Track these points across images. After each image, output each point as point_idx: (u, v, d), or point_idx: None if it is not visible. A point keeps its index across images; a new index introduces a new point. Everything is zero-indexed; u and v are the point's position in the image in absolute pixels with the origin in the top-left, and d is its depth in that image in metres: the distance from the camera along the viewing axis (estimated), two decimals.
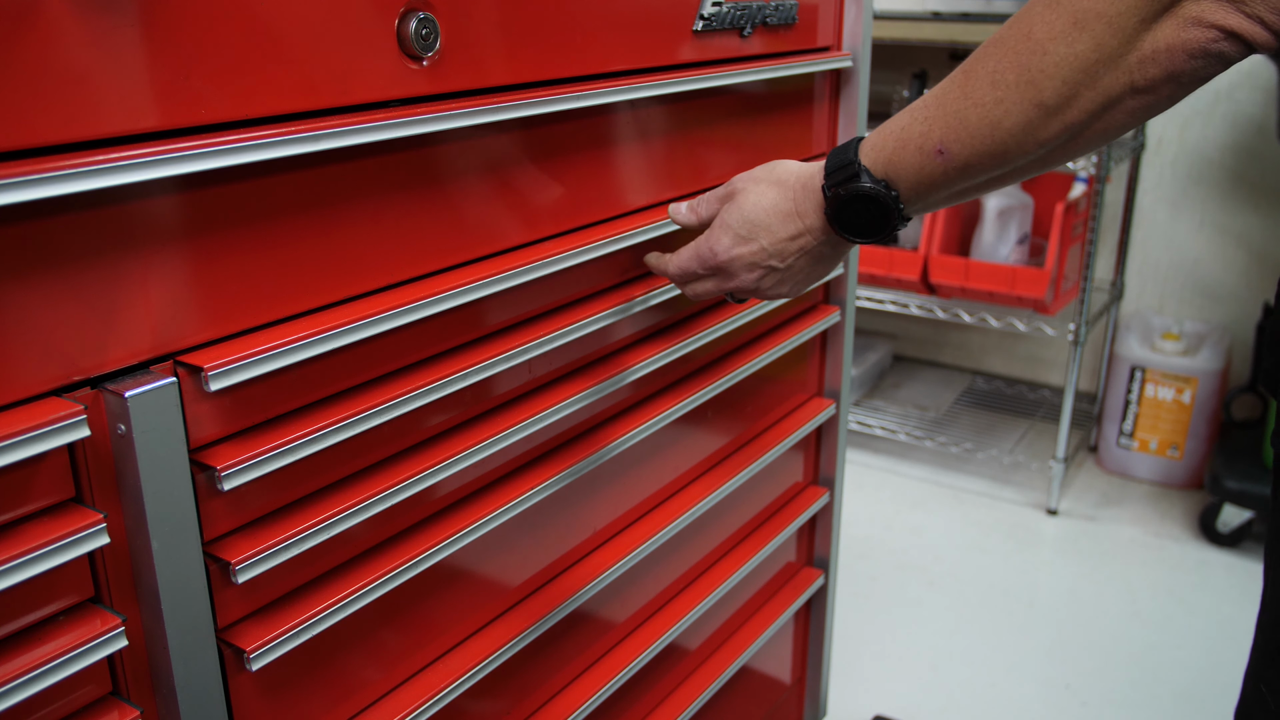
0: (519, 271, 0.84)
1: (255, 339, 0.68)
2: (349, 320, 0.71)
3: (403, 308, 0.75)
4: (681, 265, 0.90)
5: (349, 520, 0.74)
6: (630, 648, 1.10)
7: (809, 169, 0.83)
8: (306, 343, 0.69)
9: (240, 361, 0.65)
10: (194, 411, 0.66)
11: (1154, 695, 1.90)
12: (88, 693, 0.64)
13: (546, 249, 0.88)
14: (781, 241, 0.84)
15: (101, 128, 0.58)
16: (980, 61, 0.69)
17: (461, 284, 0.79)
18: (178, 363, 0.64)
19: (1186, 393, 2.59)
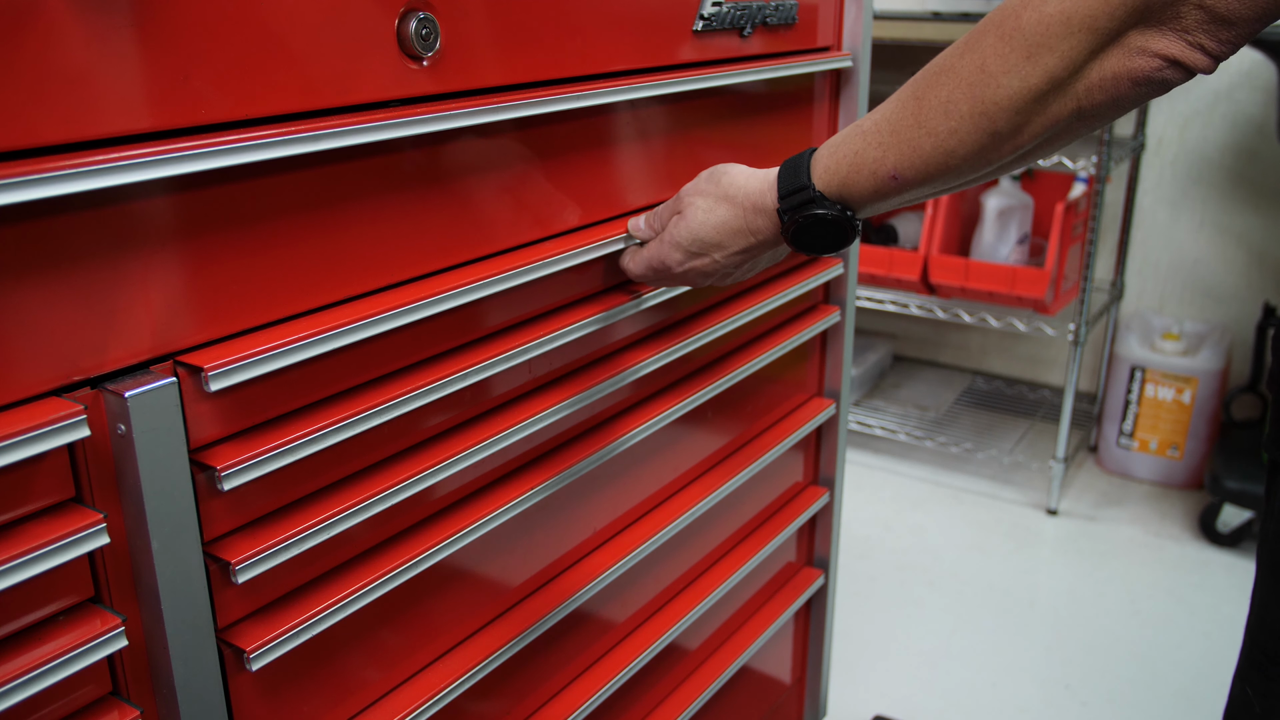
0: (519, 272, 0.84)
1: (254, 339, 0.68)
2: (349, 320, 0.71)
3: (402, 308, 0.75)
4: (636, 271, 0.94)
5: (349, 520, 0.74)
6: (630, 648, 1.10)
7: (757, 185, 0.84)
8: (306, 343, 0.69)
9: (240, 362, 0.65)
10: (194, 411, 0.66)
11: (1154, 695, 1.90)
12: (88, 693, 0.64)
13: (547, 249, 0.89)
14: (733, 254, 0.86)
15: (101, 128, 0.58)
16: (933, 90, 0.71)
17: (461, 284, 0.80)
18: (178, 363, 0.64)
19: (1186, 393, 2.59)
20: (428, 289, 0.78)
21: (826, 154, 0.78)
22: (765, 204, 0.83)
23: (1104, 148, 2.34)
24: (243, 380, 0.66)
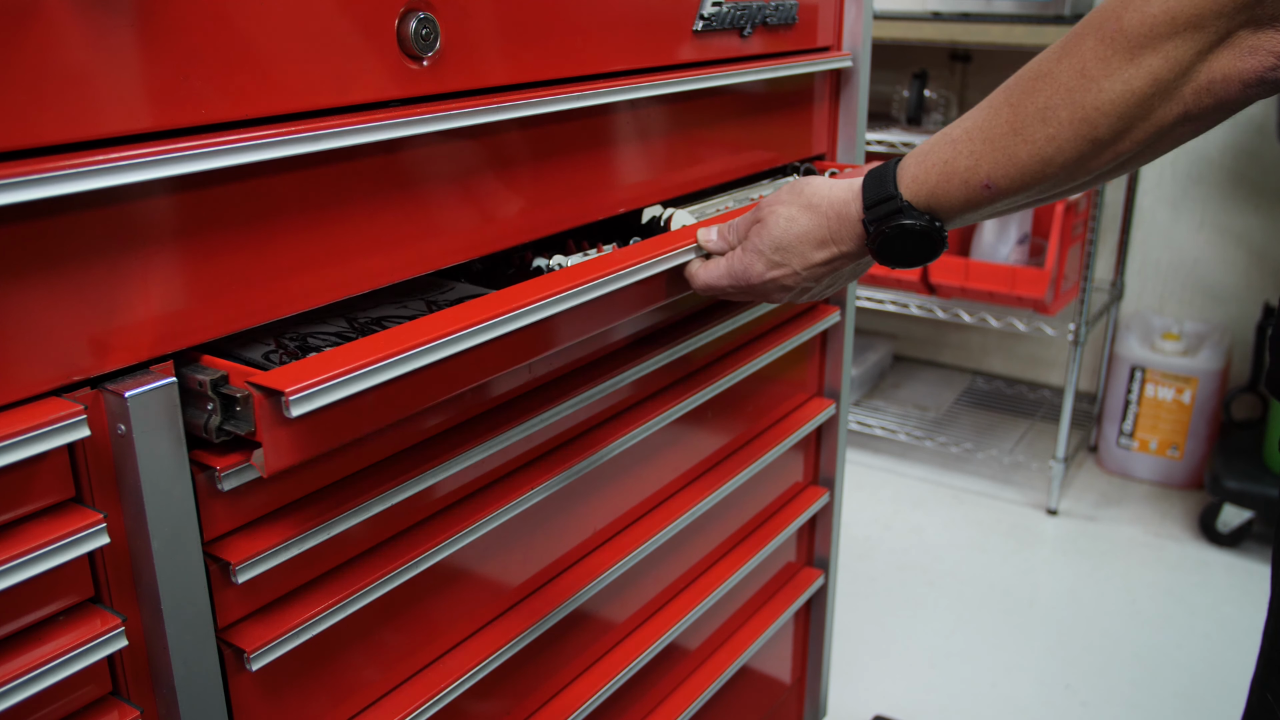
0: (580, 290, 0.81)
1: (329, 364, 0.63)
2: (424, 341, 0.68)
3: (454, 336, 0.73)
4: (711, 282, 0.89)
5: (349, 520, 0.74)
6: (630, 648, 1.10)
7: (842, 194, 0.81)
8: (386, 364, 0.65)
9: (324, 385, 0.61)
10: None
11: (1154, 695, 1.90)
12: (88, 693, 0.64)
13: (609, 264, 0.87)
14: (815, 266, 0.83)
15: (101, 128, 0.58)
16: (1029, 96, 0.68)
17: (529, 303, 0.77)
18: (252, 384, 0.61)
19: (1186, 393, 2.59)
20: (499, 307, 0.73)
21: (913, 163, 0.76)
22: (849, 213, 0.80)
23: None
24: (328, 402, 0.61)
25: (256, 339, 0.77)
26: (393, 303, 0.87)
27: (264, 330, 0.78)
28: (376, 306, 0.86)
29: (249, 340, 0.77)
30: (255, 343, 0.76)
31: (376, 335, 0.67)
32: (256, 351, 0.75)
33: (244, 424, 0.63)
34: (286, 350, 0.75)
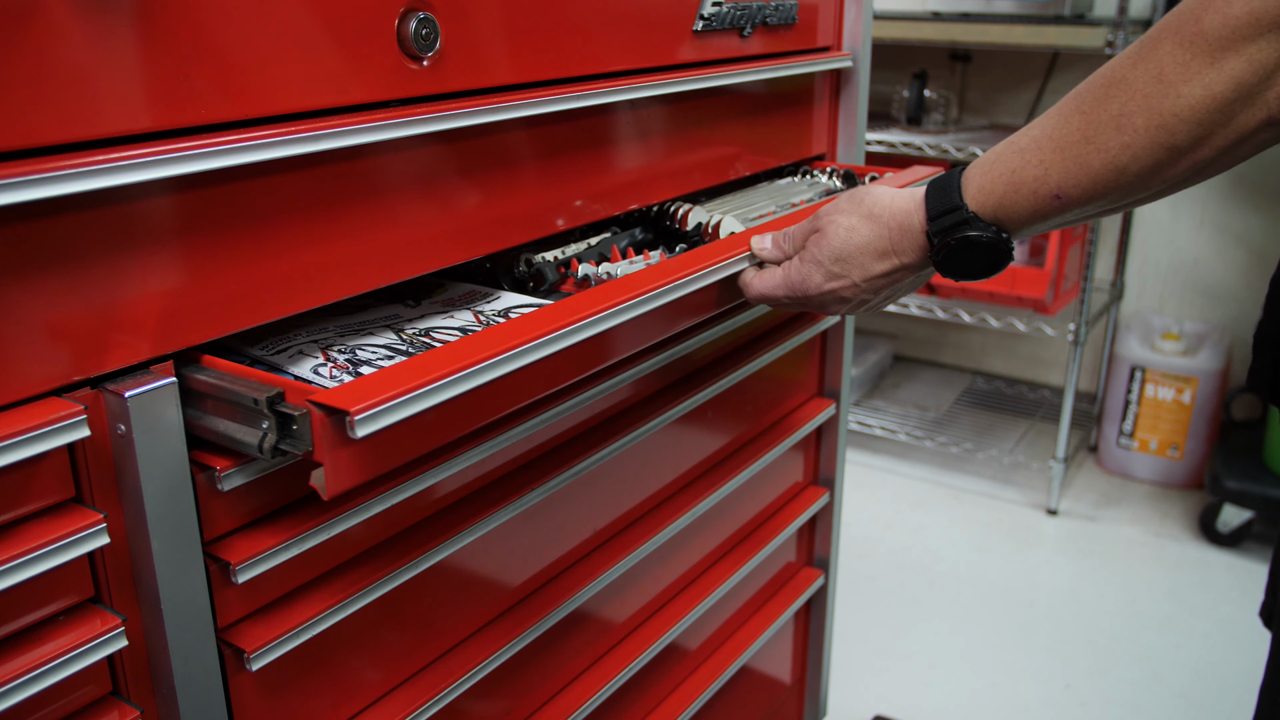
0: (635, 303, 0.80)
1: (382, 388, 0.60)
2: (493, 355, 0.67)
3: (502, 357, 0.72)
4: (766, 292, 0.87)
5: (349, 520, 0.74)
6: (630, 648, 1.10)
7: (903, 203, 0.79)
8: (450, 381, 0.63)
9: (389, 403, 0.58)
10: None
11: (1154, 695, 1.90)
12: (88, 693, 0.64)
13: (672, 271, 0.86)
14: (874, 278, 0.81)
15: (101, 128, 0.58)
16: (1102, 103, 0.66)
17: (589, 315, 0.76)
18: (313, 402, 0.58)
19: (1186, 393, 2.59)
20: (561, 319, 0.71)
21: (979, 173, 0.74)
22: (912, 224, 0.78)
23: None
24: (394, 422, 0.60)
25: (303, 351, 0.76)
26: (439, 313, 0.86)
27: (310, 343, 0.78)
28: (423, 318, 0.85)
29: (279, 346, 0.77)
30: (302, 355, 0.75)
31: (438, 351, 0.65)
32: (304, 366, 0.73)
33: (301, 443, 0.60)
34: (336, 364, 0.74)
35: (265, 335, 0.78)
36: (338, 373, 0.72)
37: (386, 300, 0.91)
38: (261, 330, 0.78)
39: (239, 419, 0.63)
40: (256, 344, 0.77)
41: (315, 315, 0.83)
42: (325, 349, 0.77)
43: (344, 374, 0.72)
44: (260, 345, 0.77)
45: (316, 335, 0.80)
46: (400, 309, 0.87)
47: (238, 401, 0.63)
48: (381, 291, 0.90)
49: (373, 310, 0.87)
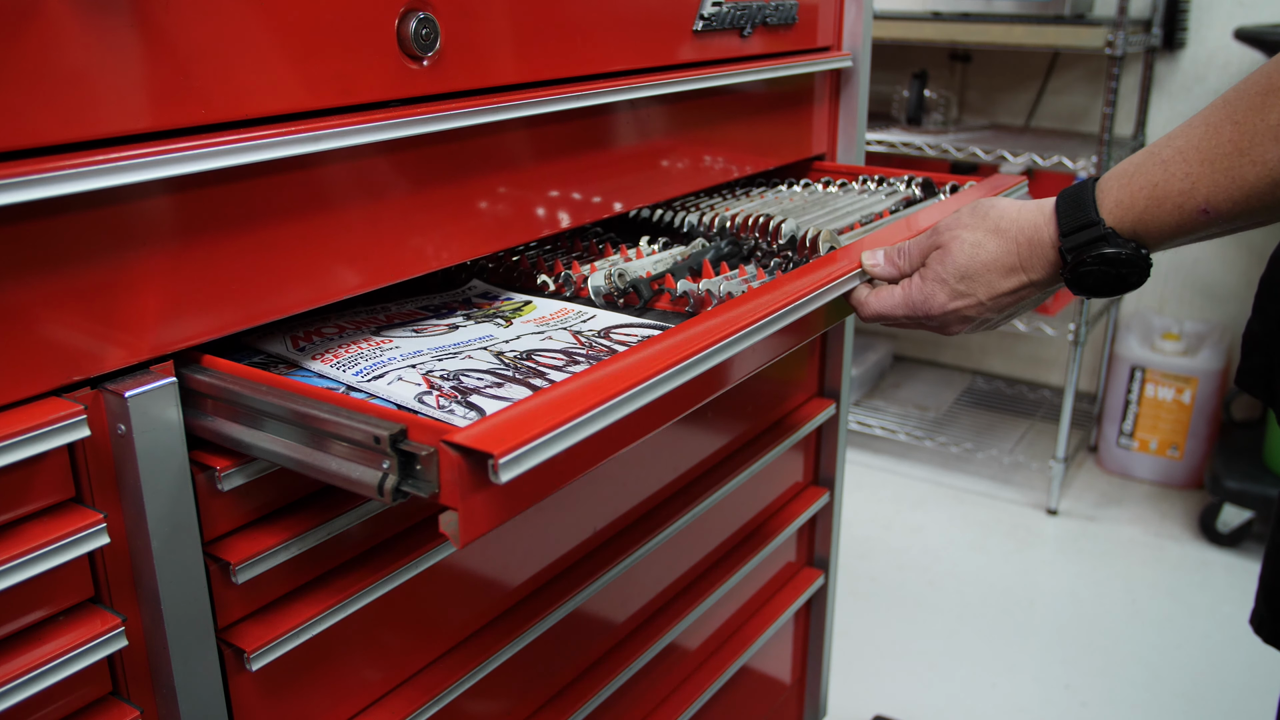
0: (741, 337, 0.78)
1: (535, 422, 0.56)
2: (626, 388, 0.64)
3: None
4: (884, 311, 0.83)
5: (349, 520, 0.74)
6: (630, 648, 1.10)
7: (1031, 216, 0.76)
8: (596, 413, 0.60)
9: (535, 444, 0.54)
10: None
11: (1154, 695, 1.90)
12: (88, 693, 0.64)
13: (801, 286, 0.84)
14: (1000, 295, 0.78)
15: (101, 128, 0.58)
16: (1258, 113, 0.63)
17: (699, 349, 0.75)
18: (450, 444, 0.54)
19: (1186, 393, 2.59)
20: (697, 344, 0.67)
21: (1116, 186, 0.71)
22: (1042, 239, 0.74)
23: (1104, 147, 2.34)
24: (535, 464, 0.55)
25: (403, 377, 0.72)
26: (534, 334, 0.83)
27: (407, 366, 0.74)
28: (518, 339, 0.82)
29: (376, 370, 0.74)
30: (401, 381, 0.72)
31: (577, 382, 0.61)
32: (407, 393, 0.70)
33: (427, 485, 0.56)
34: (442, 392, 0.70)
35: (358, 359, 0.76)
36: (445, 401, 0.68)
37: (445, 312, 0.90)
38: (350, 352, 0.78)
39: (349, 455, 0.59)
40: (350, 368, 0.75)
41: (405, 337, 0.82)
42: (425, 374, 0.73)
43: (452, 403, 0.68)
44: (354, 370, 0.74)
45: (412, 359, 0.77)
46: (493, 329, 0.85)
47: (353, 438, 0.58)
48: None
49: (464, 330, 0.85)
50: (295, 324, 0.85)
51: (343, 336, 0.82)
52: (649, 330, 0.83)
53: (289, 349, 0.80)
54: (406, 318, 0.89)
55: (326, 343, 0.81)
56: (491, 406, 0.68)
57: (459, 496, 0.53)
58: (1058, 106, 2.80)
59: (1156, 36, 2.52)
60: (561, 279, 0.95)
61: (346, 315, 0.89)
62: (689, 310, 0.89)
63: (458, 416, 0.66)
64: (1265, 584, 0.91)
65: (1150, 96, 2.67)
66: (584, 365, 0.75)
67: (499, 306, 0.92)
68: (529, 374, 0.74)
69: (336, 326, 0.85)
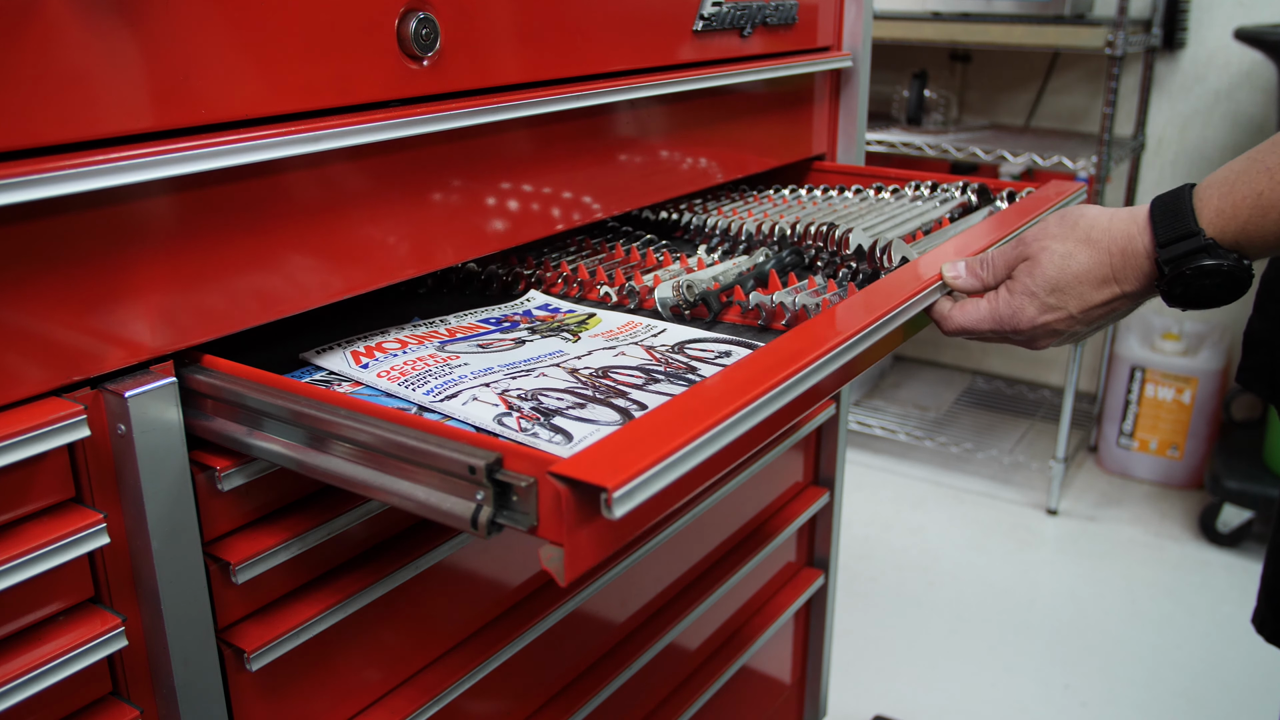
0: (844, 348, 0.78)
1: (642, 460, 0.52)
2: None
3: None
4: (969, 326, 0.81)
5: (349, 520, 0.75)
6: (630, 648, 1.10)
7: (1123, 226, 0.73)
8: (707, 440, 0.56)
9: (650, 474, 0.51)
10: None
11: (1154, 695, 1.90)
12: (88, 693, 0.64)
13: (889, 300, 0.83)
14: (1092, 308, 0.75)
15: (101, 128, 0.58)
16: None
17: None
18: (558, 475, 0.50)
19: (1186, 393, 2.59)
20: (796, 360, 0.63)
21: (1216, 195, 0.69)
22: (1136, 249, 0.72)
23: (1104, 148, 2.34)
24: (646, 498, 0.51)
25: (478, 397, 0.70)
26: (605, 349, 0.81)
27: (480, 385, 0.72)
28: (590, 354, 0.80)
29: (447, 389, 0.72)
30: (476, 401, 0.69)
31: (679, 405, 0.57)
32: (484, 414, 0.67)
33: (524, 518, 0.53)
34: (523, 414, 0.67)
35: (426, 377, 0.74)
36: (527, 423, 0.66)
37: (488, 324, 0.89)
38: (416, 369, 0.75)
39: (437, 484, 0.56)
40: (419, 386, 0.72)
41: (472, 353, 0.80)
42: (501, 394, 0.71)
43: (535, 425, 0.66)
44: (424, 389, 0.72)
45: (483, 376, 0.74)
46: (561, 343, 0.83)
47: (445, 467, 0.55)
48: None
49: (531, 345, 0.83)
50: (354, 339, 0.83)
51: (406, 352, 0.80)
52: (725, 346, 0.81)
53: (351, 365, 0.77)
54: (468, 332, 0.86)
55: (389, 359, 0.78)
56: (578, 430, 0.65)
57: (565, 531, 0.50)
58: (1058, 106, 2.80)
59: (1156, 36, 2.52)
60: (625, 290, 0.92)
61: (406, 330, 0.86)
62: (761, 323, 0.86)
63: (543, 440, 0.63)
64: (1267, 583, 0.91)
65: (1150, 96, 2.67)
66: (664, 383, 0.73)
67: (562, 319, 0.89)
68: (610, 393, 0.71)
69: (398, 342, 0.82)
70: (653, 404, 0.69)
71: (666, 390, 0.72)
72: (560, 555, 0.51)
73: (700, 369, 0.76)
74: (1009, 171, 2.48)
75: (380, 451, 0.59)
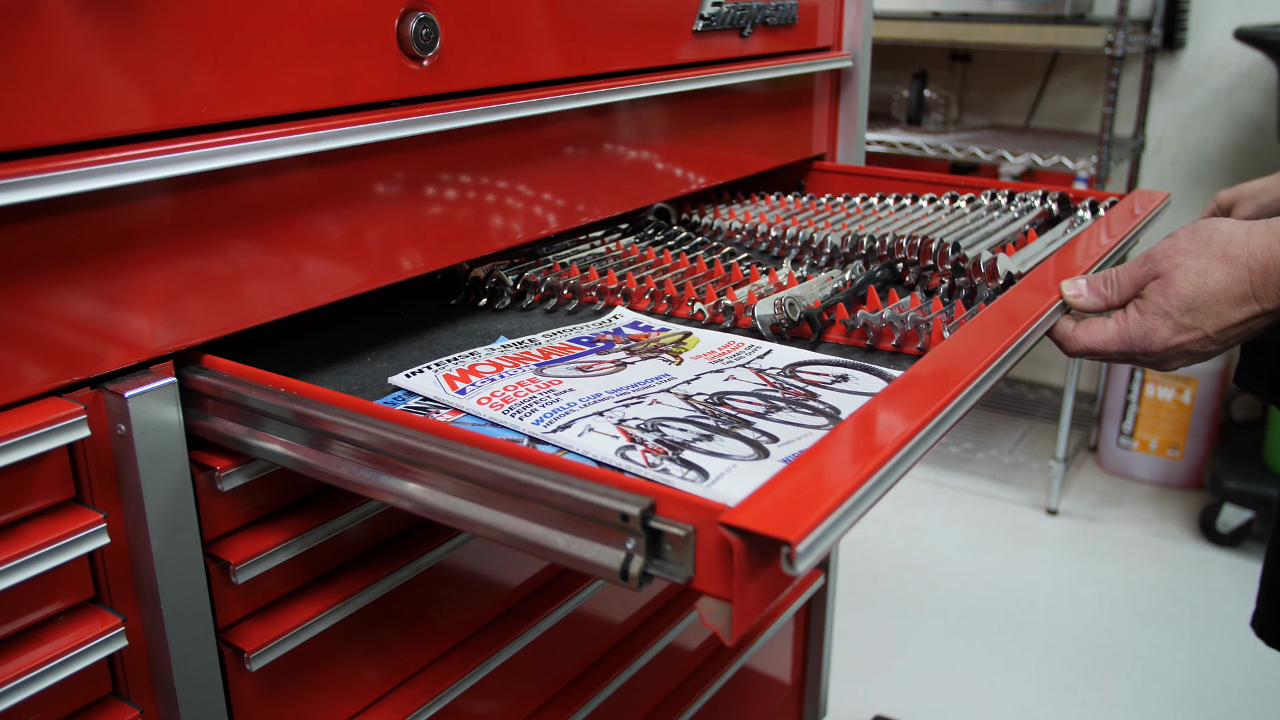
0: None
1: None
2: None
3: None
4: (1095, 347, 0.77)
5: (349, 520, 0.74)
6: (630, 648, 1.10)
7: (1262, 240, 0.70)
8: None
9: (830, 523, 0.47)
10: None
11: (1154, 695, 1.90)
12: (88, 693, 0.64)
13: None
14: (1228, 327, 0.72)
15: (102, 128, 0.58)
16: None
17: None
18: (730, 526, 0.46)
19: (1186, 393, 2.59)
20: (945, 391, 0.60)
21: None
22: (1276, 264, 0.69)
23: (1104, 148, 2.34)
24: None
25: (593, 427, 0.66)
26: (711, 372, 0.77)
27: (593, 414, 0.67)
28: (698, 378, 0.75)
29: (557, 420, 0.67)
30: (592, 431, 0.65)
31: (836, 441, 0.54)
32: (604, 446, 0.63)
33: (679, 568, 0.49)
34: (647, 447, 0.63)
35: (532, 404, 0.70)
36: (655, 458, 0.61)
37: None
38: (517, 396, 0.70)
39: (574, 529, 0.52)
40: (525, 415, 0.68)
41: (573, 376, 0.75)
42: (619, 424, 0.66)
43: (664, 460, 0.61)
44: (532, 418, 0.67)
45: (593, 404, 0.70)
46: (664, 366, 0.78)
47: (591, 513, 0.51)
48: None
49: (634, 368, 0.78)
50: (443, 361, 0.78)
51: (503, 376, 0.75)
52: (840, 369, 0.76)
53: (446, 390, 0.73)
54: (562, 353, 0.81)
55: (487, 384, 0.74)
56: (712, 466, 0.60)
57: (736, 586, 0.46)
58: (1058, 106, 2.80)
59: (1156, 36, 2.52)
60: (719, 307, 0.88)
61: (496, 351, 0.82)
62: (869, 344, 0.82)
63: (675, 478, 0.59)
64: (1266, 586, 0.90)
65: (1150, 96, 2.67)
66: (786, 410, 0.69)
67: (658, 339, 0.84)
68: (733, 423, 0.67)
69: (492, 364, 0.78)
70: (782, 435, 0.65)
71: (790, 419, 0.68)
72: (728, 612, 0.47)
73: (820, 394, 0.72)
74: (1009, 171, 2.48)
75: (505, 492, 0.54)
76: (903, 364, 0.77)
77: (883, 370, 0.76)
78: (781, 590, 0.49)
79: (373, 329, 0.89)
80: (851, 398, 0.71)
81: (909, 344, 0.80)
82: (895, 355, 0.80)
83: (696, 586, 0.48)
